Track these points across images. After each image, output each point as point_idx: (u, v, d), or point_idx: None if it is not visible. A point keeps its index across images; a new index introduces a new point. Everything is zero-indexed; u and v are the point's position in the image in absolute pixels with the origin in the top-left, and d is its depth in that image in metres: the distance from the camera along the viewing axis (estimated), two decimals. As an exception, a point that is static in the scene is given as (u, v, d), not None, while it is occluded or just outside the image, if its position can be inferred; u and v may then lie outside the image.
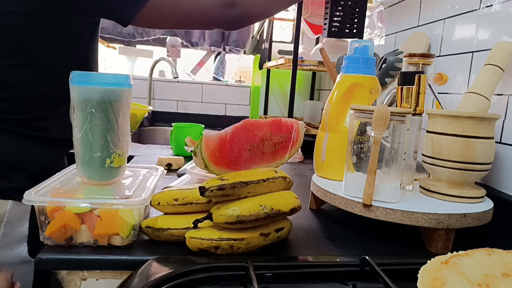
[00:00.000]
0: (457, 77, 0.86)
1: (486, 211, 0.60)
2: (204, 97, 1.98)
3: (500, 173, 0.72)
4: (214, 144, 0.55)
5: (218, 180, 0.52)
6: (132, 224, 0.53)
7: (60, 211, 0.52)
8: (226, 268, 0.48)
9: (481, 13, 0.80)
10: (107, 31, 1.85)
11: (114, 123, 0.58)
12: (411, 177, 0.70)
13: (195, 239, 0.52)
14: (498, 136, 0.73)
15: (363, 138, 0.63)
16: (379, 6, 1.26)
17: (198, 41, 1.95)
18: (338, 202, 0.64)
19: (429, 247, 0.60)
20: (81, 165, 0.59)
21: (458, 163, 0.62)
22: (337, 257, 0.56)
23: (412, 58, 0.70)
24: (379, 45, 1.26)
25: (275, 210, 0.53)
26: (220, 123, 1.98)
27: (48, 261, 0.50)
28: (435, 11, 0.96)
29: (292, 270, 0.49)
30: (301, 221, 0.70)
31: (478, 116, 0.61)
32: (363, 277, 0.48)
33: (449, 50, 0.89)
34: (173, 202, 0.57)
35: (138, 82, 1.88)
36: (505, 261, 0.38)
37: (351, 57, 0.73)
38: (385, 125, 0.58)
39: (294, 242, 0.60)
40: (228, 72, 2.07)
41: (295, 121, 0.65)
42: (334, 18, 1.11)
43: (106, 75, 0.58)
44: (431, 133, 0.65)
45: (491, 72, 0.68)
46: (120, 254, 0.52)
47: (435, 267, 0.38)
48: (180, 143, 1.22)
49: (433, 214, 0.57)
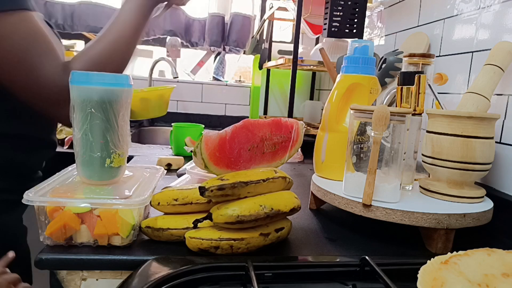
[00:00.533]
0: (457, 77, 0.86)
1: (486, 211, 0.60)
2: (204, 97, 1.98)
3: (500, 173, 0.72)
4: (214, 144, 0.55)
5: (218, 180, 0.52)
6: (132, 224, 0.53)
7: (60, 211, 0.52)
8: (226, 268, 0.48)
9: (481, 13, 0.80)
10: (107, 31, 1.84)
11: (114, 123, 0.58)
12: (411, 177, 0.70)
13: (195, 239, 0.52)
14: (498, 136, 0.73)
15: (363, 138, 0.63)
16: (379, 6, 1.26)
17: (198, 41, 1.95)
18: (338, 202, 0.64)
19: (429, 247, 0.60)
20: (81, 165, 0.59)
21: (458, 163, 0.62)
22: (337, 257, 0.56)
23: (412, 58, 0.70)
24: (379, 45, 1.26)
25: (275, 210, 0.53)
26: (220, 123, 1.98)
27: (48, 261, 0.50)
28: (435, 11, 0.96)
29: (292, 270, 0.49)
30: (301, 221, 0.70)
31: (478, 116, 0.61)
32: (363, 277, 0.48)
33: (449, 50, 0.89)
34: (173, 202, 0.57)
35: (138, 82, 1.88)
36: (505, 261, 0.38)
37: (351, 57, 0.73)
38: (385, 125, 0.58)
39: (294, 242, 0.60)
40: (228, 72, 2.07)
41: (295, 121, 0.65)
42: (334, 18, 1.11)
43: (106, 75, 0.58)
44: (431, 133, 0.65)
45: (491, 72, 0.68)
46: (120, 254, 0.52)
47: (435, 267, 0.38)
48: (180, 143, 1.22)
49: (433, 214, 0.57)
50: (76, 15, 1.80)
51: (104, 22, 1.85)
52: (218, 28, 1.90)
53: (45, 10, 1.78)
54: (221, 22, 1.90)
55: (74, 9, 1.80)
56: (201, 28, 1.94)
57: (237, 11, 1.91)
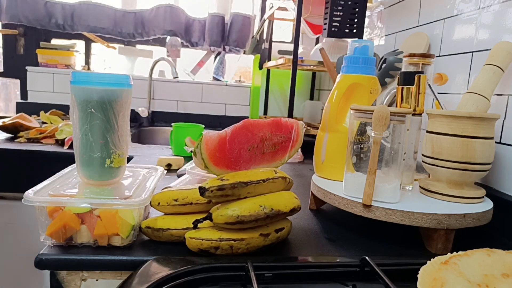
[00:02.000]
0: (457, 77, 0.86)
1: (486, 211, 0.60)
2: (204, 97, 1.98)
3: (500, 173, 0.72)
4: (214, 144, 0.55)
5: (218, 180, 0.52)
6: (132, 225, 0.53)
7: (60, 211, 0.52)
8: (226, 269, 0.48)
9: (481, 13, 0.80)
10: (107, 31, 1.85)
11: (114, 123, 0.58)
12: (411, 177, 0.70)
13: (195, 240, 0.52)
14: (498, 136, 0.73)
15: (363, 138, 0.63)
16: (379, 6, 1.26)
17: (198, 41, 1.95)
18: (338, 202, 0.64)
19: (429, 248, 0.60)
20: (81, 165, 0.59)
21: (458, 163, 0.62)
22: (337, 257, 0.56)
23: (412, 58, 0.70)
24: (379, 45, 1.26)
25: (275, 211, 0.53)
26: (220, 123, 1.98)
27: (48, 261, 0.50)
28: (435, 11, 0.96)
29: (292, 270, 0.49)
30: (301, 221, 0.70)
31: (478, 116, 0.61)
32: (363, 277, 0.48)
33: (449, 50, 0.89)
34: (173, 202, 0.57)
35: (138, 82, 1.88)
36: (504, 262, 0.38)
37: (351, 57, 0.73)
38: (385, 125, 0.58)
39: (294, 243, 0.60)
40: (228, 72, 2.07)
41: (295, 121, 0.65)
42: (334, 18, 1.11)
43: (106, 75, 0.58)
44: (431, 133, 0.65)
45: (491, 72, 0.68)
46: (120, 255, 0.52)
47: (435, 268, 0.38)
48: (180, 143, 1.22)
49: (433, 214, 0.57)
50: (76, 15, 1.80)
51: (104, 22, 1.86)
52: (218, 28, 1.90)
53: (45, 10, 1.78)
54: (221, 22, 1.90)
55: (74, 9, 1.80)
56: (201, 28, 1.94)
57: (237, 11, 1.91)
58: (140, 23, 1.88)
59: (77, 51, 1.91)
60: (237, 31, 1.91)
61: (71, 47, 1.89)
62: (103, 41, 1.95)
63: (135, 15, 1.87)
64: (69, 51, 1.88)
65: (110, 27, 1.85)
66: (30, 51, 1.89)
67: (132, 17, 1.87)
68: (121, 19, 1.85)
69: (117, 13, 1.85)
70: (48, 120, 1.54)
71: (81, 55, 1.99)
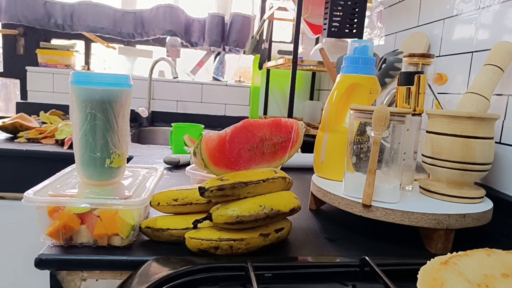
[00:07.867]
0: (456, 77, 0.86)
1: (486, 211, 0.60)
2: (204, 97, 1.98)
3: (500, 173, 0.72)
4: (213, 144, 0.55)
5: (218, 180, 0.52)
6: (132, 225, 0.53)
7: (59, 211, 0.52)
8: (225, 269, 0.48)
9: (481, 13, 0.80)
10: (107, 31, 1.85)
11: (114, 124, 0.58)
12: (411, 178, 0.70)
13: (195, 240, 0.52)
14: (498, 136, 0.73)
15: (363, 138, 0.63)
16: (379, 6, 1.26)
17: (198, 41, 1.95)
18: (338, 202, 0.64)
19: (429, 248, 0.60)
20: (81, 166, 0.59)
21: (458, 163, 0.62)
22: (337, 257, 0.56)
23: (412, 58, 0.70)
24: (379, 45, 1.26)
25: (275, 211, 0.53)
26: (219, 123, 1.98)
27: (48, 261, 0.50)
28: (435, 11, 0.96)
29: (292, 270, 0.49)
30: (301, 221, 0.70)
31: (477, 116, 0.61)
32: (363, 277, 0.48)
33: (449, 50, 0.89)
34: (172, 202, 0.57)
35: (138, 82, 1.88)
36: (504, 262, 0.38)
37: (351, 57, 0.73)
38: (384, 125, 0.58)
39: (294, 243, 0.60)
40: (228, 72, 2.07)
41: (295, 121, 0.65)
42: (334, 18, 1.11)
43: (106, 75, 0.58)
44: (431, 133, 0.65)
45: (491, 72, 0.68)
46: (120, 255, 0.52)
47: (434, 268, 0.38)
48: (180, 143, 1.22)
49: (433, 214, 0.57)
50: (76, 15, 1.80)
51: (103, 22, 1.86)
52: (218, 28, 1.90)
53: (45, 10, 1.78)
54: (221, 22, 1.90)
55: (74, 9, 1.80)
56: (201, 28, 1.94)
57: (237, 11, 1.91)
58: (139, 23, 1.88)
59: (77, 51, 1.91)
60: (237, 31, 1.91)
61: (71, 47, 1.89)
62: (103, 41, 1.95)
63: (135, 15, 1.87)
64: (69, 51, 1.88)
65: (109, 27, 1.85)
66: (30, 51, 1.89)
67: (131, 17, 1.87)
68: (120, 19, 1.85)
69: (117, 13, 1.85)
70: (48, 120, 1.54)
71: (81, 55, 1.99)
